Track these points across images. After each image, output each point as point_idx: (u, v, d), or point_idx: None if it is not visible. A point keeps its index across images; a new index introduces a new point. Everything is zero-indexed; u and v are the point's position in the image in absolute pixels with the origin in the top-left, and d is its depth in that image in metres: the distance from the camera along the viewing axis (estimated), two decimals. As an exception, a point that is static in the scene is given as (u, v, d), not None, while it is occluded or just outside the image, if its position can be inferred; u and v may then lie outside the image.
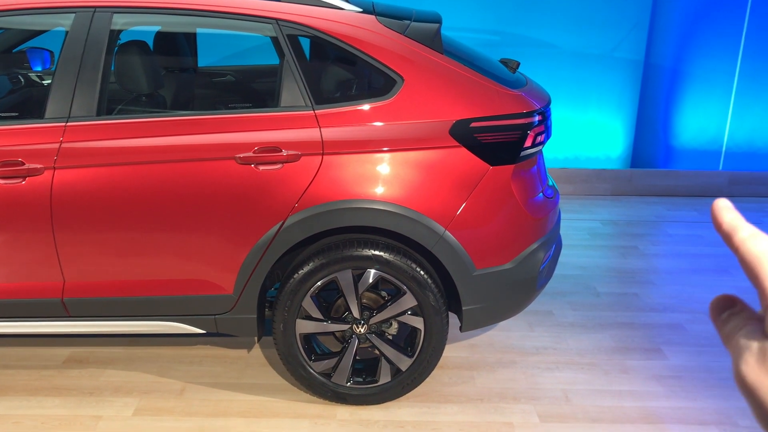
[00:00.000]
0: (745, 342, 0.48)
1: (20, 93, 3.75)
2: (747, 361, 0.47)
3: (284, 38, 2.72)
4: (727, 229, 0.51)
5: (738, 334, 0.50)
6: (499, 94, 2.74)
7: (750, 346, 0.48)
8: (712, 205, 0.53)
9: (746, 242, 0.49)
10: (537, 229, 2.86)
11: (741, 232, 0.50)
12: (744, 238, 0.50)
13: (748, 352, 0.47)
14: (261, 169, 2.66)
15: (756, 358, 0.47)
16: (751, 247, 0.49)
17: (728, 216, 0.52)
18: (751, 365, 0.47)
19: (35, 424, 2.87)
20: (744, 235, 0.50)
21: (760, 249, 0.49)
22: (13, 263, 2.80)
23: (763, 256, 0.48)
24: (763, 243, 0.49)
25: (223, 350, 3.43)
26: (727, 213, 0.53)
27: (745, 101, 5.83)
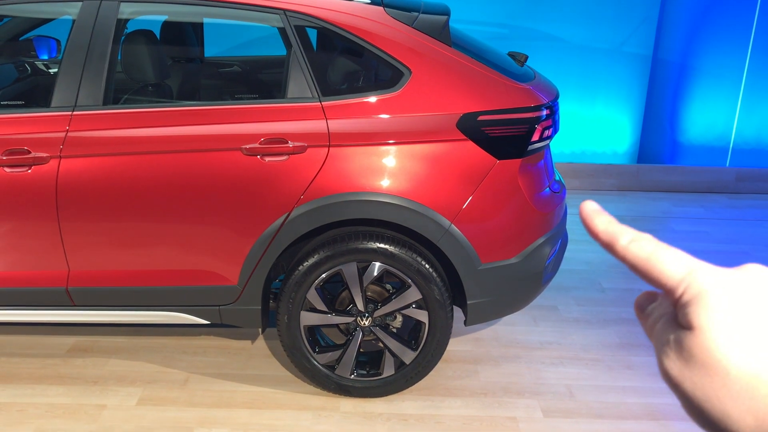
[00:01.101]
0: (663, 335, 0.48)
1: (26, 81, 3.75)
2: (668, 355, 0.46)
3: (291, 29, 2.70)
4: (606, 239, 0.50)
5: (657, 328, 0.49)
6: (507, 87, 2.72)
7: (668, 338, 0.47)
8: (581, 209, 0.52)
9: (630, 248, 0.49)
10: (543, 223, 2.85)
11: (621, 239, 0.50)
12: (625, 245, 0.49)
13: (667, 345, 0.46)
14: (267, 160, 2.66)
15: (675, 350, 0.46)
16: (636, 251, 0.48)
17: (602, 223, 0.51)
18: (672, 358, 0.46)
19: (39, 412, 2.88)
20: (625, 241, 0.49)
21: (646, 251, 0.48)
22: (18, 252, 2.80)
23: (652, 256, 0.48)
24: (646, 245, 0.48)
25: (227, 341, 3.43)
26: (599, 219, 0.52)
27: (753, 97, 5.79)
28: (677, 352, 0.45)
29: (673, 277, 0.47)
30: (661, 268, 0.47)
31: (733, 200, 5.70)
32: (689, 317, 0.44)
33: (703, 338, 0.43)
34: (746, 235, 4.95)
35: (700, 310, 0.44)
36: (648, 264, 0.48)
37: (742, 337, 0.42)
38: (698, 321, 0.44)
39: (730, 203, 5.63)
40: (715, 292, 0.44)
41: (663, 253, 0.48)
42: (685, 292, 0.45)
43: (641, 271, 0.48)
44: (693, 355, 0.44)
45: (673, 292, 0.47)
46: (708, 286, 0.45)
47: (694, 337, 0.44)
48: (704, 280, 0.45)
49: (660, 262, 0.47)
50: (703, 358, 0.43)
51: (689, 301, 0.45)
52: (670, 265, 0.47)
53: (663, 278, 0.47)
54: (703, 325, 0.43)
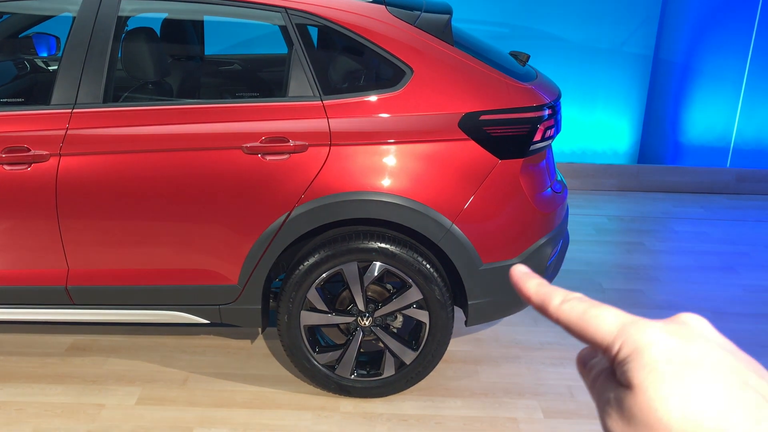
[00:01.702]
0: (604, 393, 0.46)
1: (26, 79, 3.73)
2: (610, 415, 0.45)
3: (293, 27, 2.69)
4: (538, 301, 0.50)
5: (597, 386, 0.48)
6: (509, 87, 2.71)
7: (609, 397, 0.45)
8: (511, 274, 0.52)
9: (562, 309, 0.48)
10: (545, 224, 2.84)
11: (553, 300, 0.49)
12: (557, 306, 0.49)
13: (608, 404, 0.45)
14: (268, 159, 2.64)
15: (616, 410, 0.44)
16: (568, 312, 0.48)
17: (533, 286, 0.51)
18: (614, 418, 0.44)
19: (38, 412, 2.86)
20: (557, 303, 0.49)
21: (578, 311, 0.47)
22: (17, 250, 2.78)
23: (584, 315, 0.47)
24: (577, 305, 0.48)
25: (226, 340, 3.42)
26: (530, 282, 0.51)
27: (754, 98, 5.78)
28: (618, 412, 0.44)
29: (606, 335, 0.45)
30: (594, 327, 0.46)
31: (733, 201, 5.69)
32: (627, 375, 0.43)
33: (643, 397, 0.42)
34: (746, 236, 4.94)
35: (637, 367, 0.43)
36: (581, 324, 0.47)
37: (680, 394, 0.41)
38: (636, 379, 0.42)
39: (731, 204, 5.63)
40: (650, 348, 0.43)
41: (595, 311, 0.47)
42: (621, 350, 0.44)
43: (575, 332, 0.47)
44: (634, 415, 0.42)
45: (609, 350, 0.45)
46: (643, 343, 0.43)
47: (634, 397, 0.43)
48: (639, 336, 0.44)
49: (593, 320, 0.46)
50: (643, 418, 0.42)
51: (625, 358, 0.44)
52: (602, 323, 0.46)
53: (597, 337, 0.46)
54: (642, 384, 0.42)
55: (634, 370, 0.43)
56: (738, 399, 0.40)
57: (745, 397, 0.41)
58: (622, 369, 0.44)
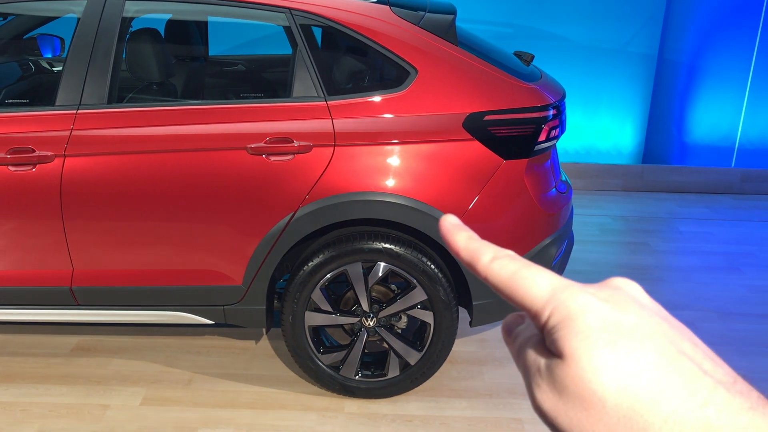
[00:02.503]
0: (533, 362, 0.43)
1: (31, 80, 3.74)
2: (539, 386, 0.41)
3: (297, 28, 2.69)
4: (467, 257, 0.46)
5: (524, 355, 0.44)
6: (514, 87, 2.71)
7: (538, 366, 0.42)
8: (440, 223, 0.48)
9: (492, 267, 0.44)
10: (550, 224, 2.83)
11: (483, 257, 0.45)
12: (487, 263, 0.45)
13: (538, 375, 0.42)
14: (272, 159, 2.64)
15: (547, 381, 0.41)
16: (498, 270, 0.44)
17: (462, 239, 0.47)
18: (544, 390, 0.41)
19: (43, 412, 2.87)
20: (486, 260, 0.45)
21: (508, 271, 0.44)
22: (22, 251, 2.79)
23: (514, 275, 0.43)
24: (509, 264, 0.44)
25: (230, 341, 3.42)
26: (459, 235, 0.47)
27: (759, 98, 5.77)
28: (549, 383, 0.41)
29: (537, 299, 0.42)
30: (524, 289, 0.43)
31: (738, 201, 5.68)
32: (558, 344, 0.40)
33: (576, 368, 0.39)
34: (751, 236, 4.92)
35: (569, 335, 0.40)
36: (511, 285, 0.43)
37: (614, 363, 0.38)
38: (569, 348, 0.39)
39: (735, 204, 5.61)
40: (582, 315, 0.40)
41: (526, 272, 0.43)
42: (551, 315, 0.41)
43: (505, 293, 0.44)
44: (566, 386, 0.40)
45: (538, 315, 0.42)
46: (575, 309, 0.40)
47: (566, 367, 0.40)
48: (571, 302, 0.41)
49: (523, 282, 0.43)
50: (576, 389, 0.39)
51: (556, 325, 0.40)
52: (534, 286, 0.42)
53: (527, 300, 0.42)
54: (574, 353, 0.39)
55: (566, 338, 0.40)
56: (674, 368, 0.38)
57: (681, 366, 0.38)
58: (552, 337, 0.41)
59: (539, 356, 0.42)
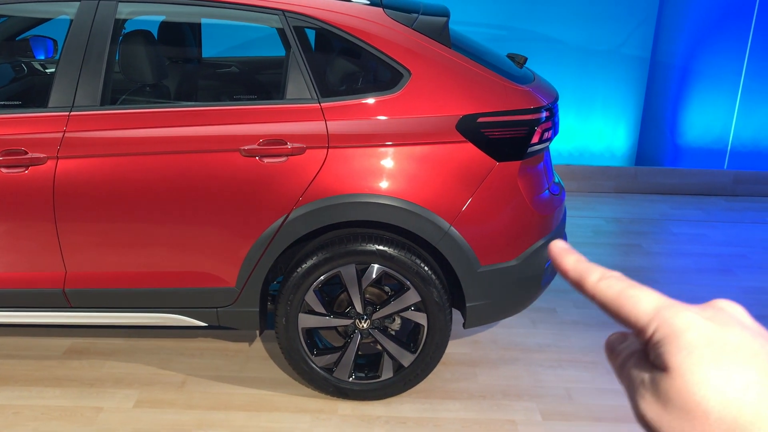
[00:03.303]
0: (637, 375, 0.46)
1: (23, 81, 3.73)
2: (644, 397, 0.44)
3: (290, 30, 2.69)
4: (575, 276, 0.50)
5: (627, 367, 0.47)
6: (507, 89, 2.72)
7: (642, 379, 0.45)
8: (550, 249, 0.52)
9: (599, 287, 0.48)
10: (543, 226, 2.84)
11: (591, 276, 0.49)
12: (595, 283, 0.48)
13: (642, 386, 0.45)
14: (265, 161, 2.64)
15: (651, 392, 0.44)
16: (605, 290, 0.48)
17: (571, 261, 0.51)
18: (648, 401, 0.44)
19: (35, 415, 2.86)
20: (594, 279, 0.48)
21: (615, 290, 0.47)
22: (14, 253, 2.78)
23: (621, 294, 0.47)
24: (615, 283, 0.47)
25: (224, 343, 3.41)
26: (568, 258, 0.51)
27: (751, 100, 5.80)
28: (654, 394, 0.44)
29: (643, 315, 0.45)
30: (630, 306, 0.46)
31: (730, 203, 5.70)
32: (663, 358, 0.43)
33: (681, 381, 0.42)
34: (744, 238, 4.95)
35: (674, 350, 0.43)
36: (617, 302, 0.47)
37: (719, 379, 0.41)
38: (673, 362, 0.42)
39: (728, 206, 5.63)
40: (688, 331, 0.43)
41: (632, 291, 0.46)
42: (657, 331, 0.44)
43: (611, 310, 0.47)
44: (670, 398, 0.42)
45: (643, 331, 0.45)
46: (680, 326, 0.43)
47: (671, 380, 0.42)
48: (676, 319, 0.44)
49: (629, 300, 0.46)
50: (681, 401, 0.42)
51: (661, 340, 0.44)
52: (639, 303, 0.46)
53: (632, 317, 0.46)
54: (679, 367, 0.42)
55: (671, 352, 0.43)
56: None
57: None
58: (657, 351, 0.44)
59: (643, 370, 0.45)
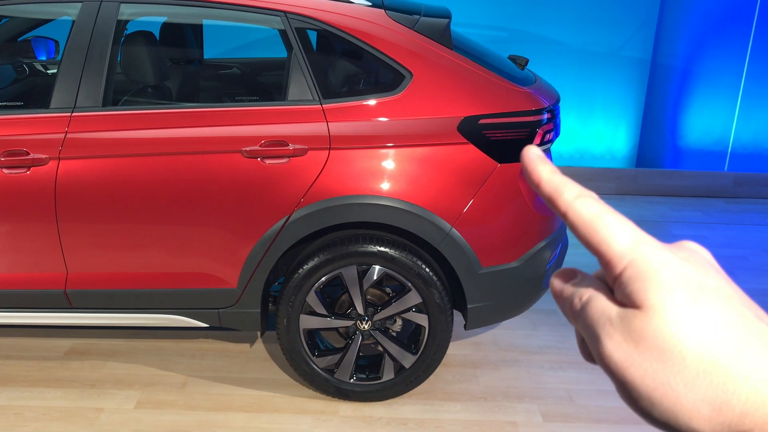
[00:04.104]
0: (602, 314, 0.42)
1: (25, 82, 3.73)
2: (611, 336, 0.41)
3: (292, 31, 2.69)
4: (549, 189, 0.45)
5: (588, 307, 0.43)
6: (508, 91, 2.72)
7: (609, 317, 0.41)
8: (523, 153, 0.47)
9: (575, 205, 0.44)
10: (544, 227, 2.84)
11: (566, 192, 0.44)
12: (570, 200, 0.44)
13: (610, 325, 0.41)
14: (267, 162, 2.64)
15: (620, 332, 0.40)
16: (581, 210, 0.43)
17: (545, 172, 0.46)
18: (617, 341, 0.40)
19: (36, 415, 2.86)
20: (570, 196, 0.44)
21: (592, 212, 0.43)
22: (16, 254, 2.78)
23: (597, 218, 0.43)
24: (593, 205, 0.43)
25: (225, 344, 3.41)
26: (543, 167, 0.46)
27: (751, 102, 5.80)
28: (624, 333, 0.40)
29: (617, 247, 0.42)
30: (605, 233, 0.42)
31: (730, 204, 5.70)
32: (637, 295, 0.40)
33: (658, 319, 0.39)
34: (744, 240, 4.95)
35: (651, 287, 0.40)
36: (592, 226, 0.43)
37: (699, 319, 0.39)
38: (650, 300, 0.40)
39: (728, 207, 5.64)
40: (666, 270, 0.40)
41: (609, 217, 0.43)
42: (629, 266, 0.41)
43: (583, 233, 0.43)
44: (645, 337, 0.39)
45: (614, 263, 0.42)
46: (657, 264, 0.41)
47: (647, 318, 0.39)
48: (653, 256, 0.41)
49: (605, 227, 0.42)
50: (657, 340, 0.39)
51: (634, 276, 0.40)
52: (615, 232, 0.42)
53: (605, 246, 0.42)
54: (656, 305, 0.39)
55: (646, 290, 0.40)
56: (754, 332, 0.39)
57: (760, 329, 0.39)
58: (629, 287, 0.41)
59: (609, 307, 0.42)
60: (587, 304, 0.43)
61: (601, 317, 0.42)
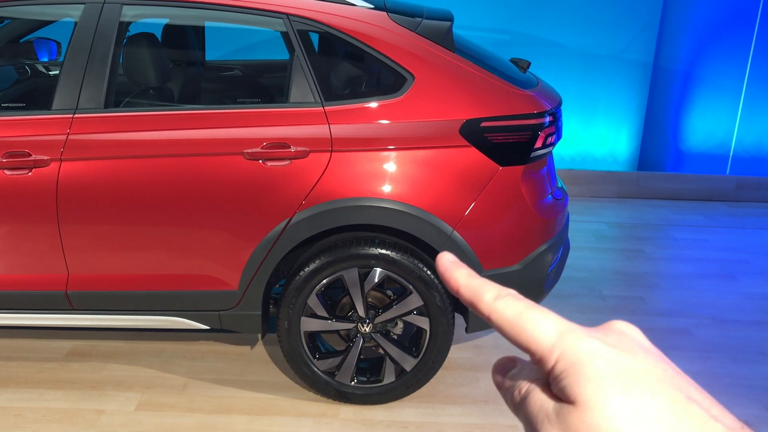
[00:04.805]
0: (539, 409, 0.42)
1: (26, 84, 3.73)
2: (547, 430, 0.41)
3: (294, 33, 2.69)
4: (468, 294, 0.46)
5: (526, 402, 0.43)
6: (510, 93, 2.72)
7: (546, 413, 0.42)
8: (437, 261, 0.48)
9: (495, 307, 0.44)
10: (546, 230, 2.84)
11: (486, 295, 0.45)
12: (490, 302, 0.44)
13: (548, 421, 0.41)
14: (269, 165, 2.64)
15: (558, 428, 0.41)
16: (502, 311, 0.44)
17: (462, 277, 0.46)
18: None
19: (37, 417, 2.85)
20: (489, 298, 0.45)
21: (513, 311, 0.43)
22: (17, 255, 2.78)
23: (519, 317, 0.43)
24: (513, 303, 0.44)
25: (226, 346, 3.41)
26: (458, 273, 0.47)
27: (754, 106, 5.79)
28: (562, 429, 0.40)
29: (543, 342, 0.42)
30: (529, 332, 0.42)
31: (733, 208, 5.70)
32: (568, 390, 0.40)
33: (590, 415, 0.39)
34: (746, 243, 4.94)
35: (581, 381, 0.40)
36: (515, 326, 0.43)
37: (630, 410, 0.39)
38: (581, 395, 0.40)
39: (730, 211, 5.63)
40: (594, 360, 0.40)
41: (531, 313, 0.43)
42: (559, 360, 0.41)
43: (509, 334, 0.43)
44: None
45: (544, 360, 0.42)
46: (585, 355, 0.41)
47: (580, 414, 0.40)
48: (579, 347, 0.41)
49: (528, 323, 0.43)
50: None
51: (565, 371, 0.41)
52: (539, 327, 0.42)
53: (532, 344, 0.42)
54: (588, 401, 0.39)
55: (577, 384, 0.40)
56: (686, 414, 0.39)
57: (692, 412, 0.39)
58: (562, 383, 0.41)
59: (546, 402, 0.42)
60: (525, 398, 0.44)
61: (539, 413, 0.42)
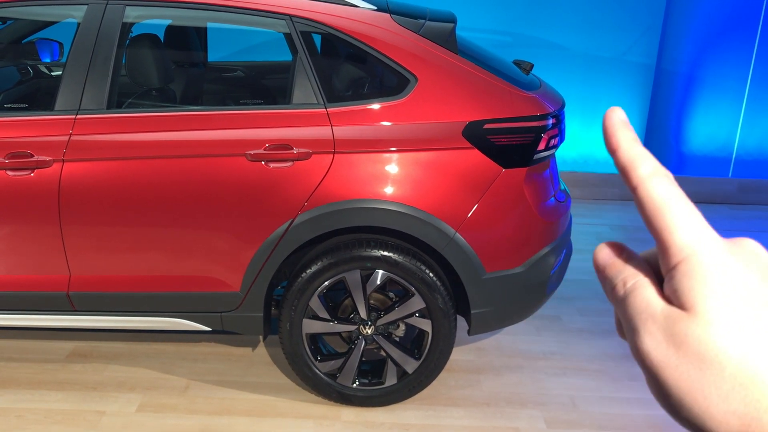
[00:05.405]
0: (646, 307, 0.40)
1: (29, 84, 3.73)
2: (652, 333, 0.40)
3: (297, 35, 2.69)
4: (624, 160, 0.43)
5: (632, 297, 0.41)
6: (513, 96, 2.71)
7: (653, 313, 0.40)
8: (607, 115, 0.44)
9: (647, 182, 0.42)
10: (548, 233, 2.83)
11: (642, 167, 0.42)
12: (643, 176, 0.42)
13: (652, 321, 0.40)
14: (271, 166, 2.64)
15: (663, 331, 0.39)
16: (653, 189, 0.41)
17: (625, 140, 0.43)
18: (657, 339, 0.39)
19: (38, 418, 2.85)
20: (645, 172, 0.42)
21: (663, 194, 0.41)
22: (19, 255, 2.78)
23: (666, 202, 0.41)
24: (665, 186, 0.41)
25: (227, 348, 3.40)
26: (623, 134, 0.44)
27: (756, 108, 5.78)
28: (666, 334, 0.39)
29: (679, 237, 0.40)
30: (670, 220, 0.40)
31: (735, 211, 5.69)
32: (687, 295, 0.39)
33: (703, 326, 0.38)
34: (749, 246, 4.92)
35: (702, 290, 0.38)
36: (659, 210, 0.41)
37: (744, 332, 0.37)
38: (699, 305, 0.38)
39: (733, 214, 5.62)
40: (726, 277, 0.39)
41: (680, 203, 0.41)
42: (686, 261, 0.39)
43: (648, 214, 0.41)
44: (687, 342, 0.38)
45: (671, 254, 0.40)
46: (715, 267, 0.39)
47: (691, 323, 0.38)
48: (712, 256, 0.39)
49: (672, 213, 0.40)
50: (698, 347, 0.38)
51: (688, 274, 0.39)
52: (682, 222, 0.40)
53: (666, 233, 0.40)
54: (704, 312, 0.38)
55: (699, 292, 0.38)
56: None
57: None
58: (680, 285, 0.39)
59: (654, 301, 0.41)
60: (632, 292, 0.42)
61: (644, 311, 0.41)
